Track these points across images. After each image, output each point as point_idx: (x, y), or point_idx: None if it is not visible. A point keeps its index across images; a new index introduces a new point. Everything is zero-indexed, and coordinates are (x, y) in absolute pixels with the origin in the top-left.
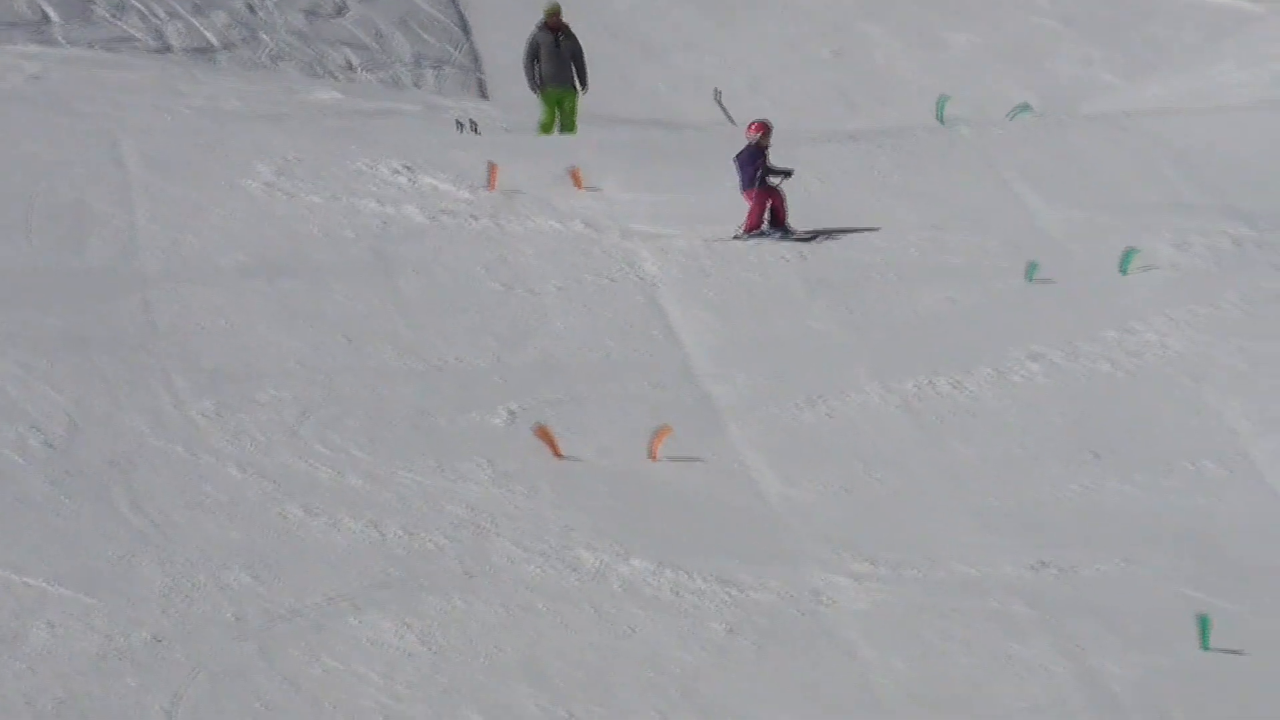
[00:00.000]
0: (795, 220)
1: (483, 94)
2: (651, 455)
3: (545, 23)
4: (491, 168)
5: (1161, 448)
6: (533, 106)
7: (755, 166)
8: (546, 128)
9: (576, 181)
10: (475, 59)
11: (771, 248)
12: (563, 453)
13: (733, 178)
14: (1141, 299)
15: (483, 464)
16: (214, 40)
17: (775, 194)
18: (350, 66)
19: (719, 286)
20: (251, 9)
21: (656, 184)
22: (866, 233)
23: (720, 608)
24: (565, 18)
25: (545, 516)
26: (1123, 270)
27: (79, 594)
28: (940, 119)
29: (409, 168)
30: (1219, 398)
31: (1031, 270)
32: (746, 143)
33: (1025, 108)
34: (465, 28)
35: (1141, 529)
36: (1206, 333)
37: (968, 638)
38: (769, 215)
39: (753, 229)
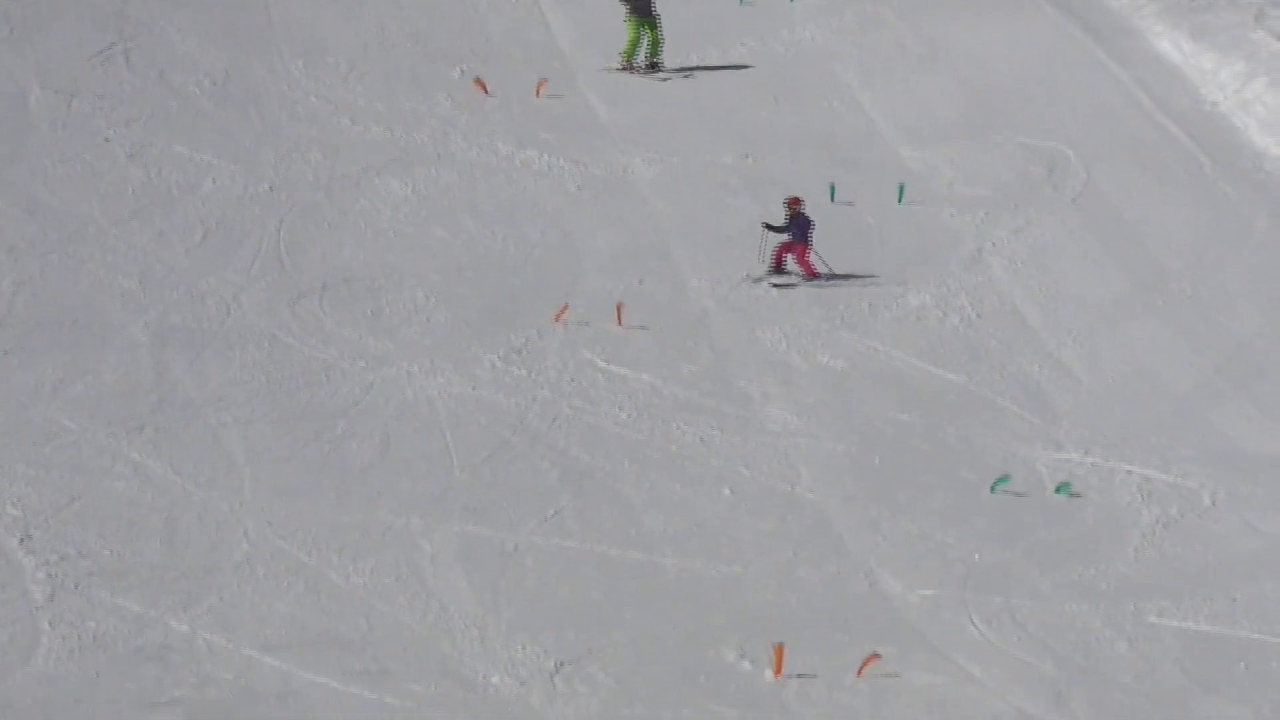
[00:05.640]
0: None
1: None
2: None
3: None
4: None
5: (811, 94)
6: None
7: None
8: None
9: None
10: None
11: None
12: (489, 91)
13: None
14: (800, 15)
15: (446, 99)
16: None
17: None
18: None
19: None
20: None
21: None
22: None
23: (573, 176)
24: None
25: (478, 125)
26: (792, 2)
27: (229, 163)
28: None
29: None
30: (842, 69)
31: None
32: (793, 213)
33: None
34: None
35: (796, 138)
36: (837, 34)
37: (703, 194)
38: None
39: (779, 264)
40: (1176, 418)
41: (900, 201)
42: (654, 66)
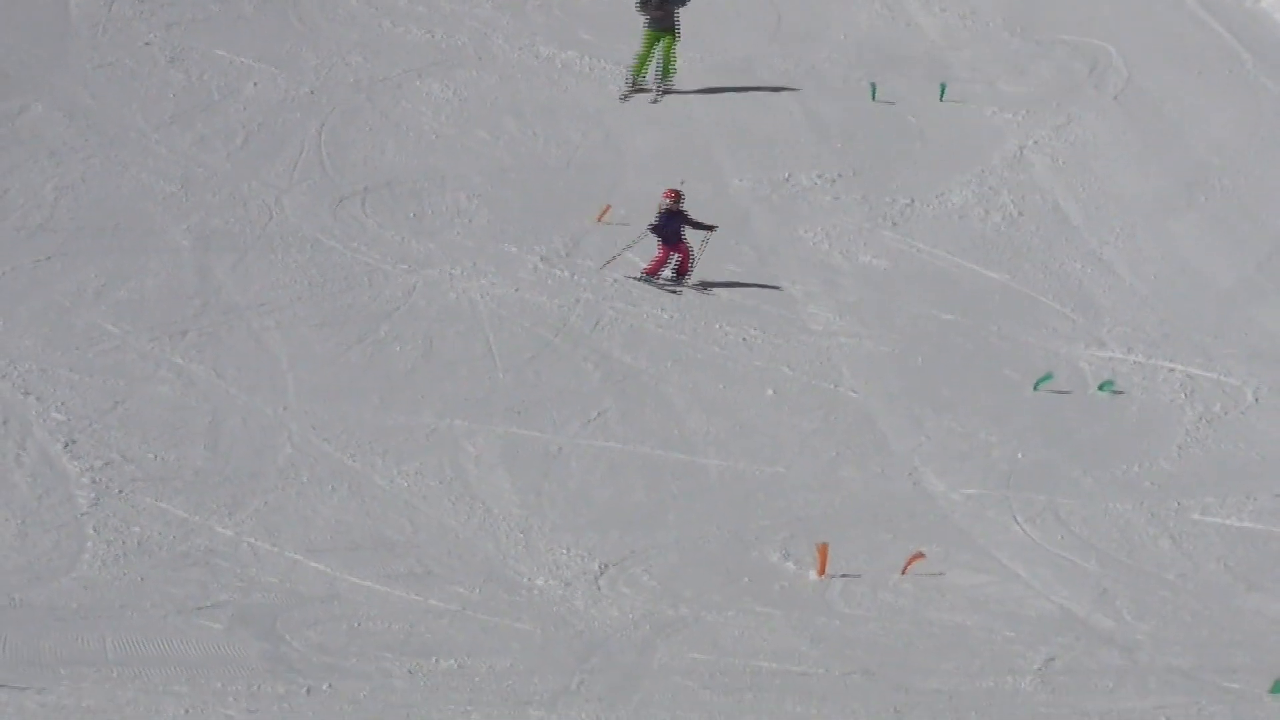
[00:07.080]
0: None
1: None
2: None
3: None
4: None
5: None
6: None
7: (677, 224)
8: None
9: None
10: None
11: None
12: None
13: None
14: None
15: (486, 0)
16: None
17: (684, 250)
18: None
19: None
20: None
21: None
22: None
23: (615, 77)
24: None
25: (519, 27)
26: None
27: (270, 66)
28: None
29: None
30: None
31: None
32: (663, 208)
33: None
34: None
35: (838, 37)
36: None
37: (745, 94)
38: (674, 266)
39: (652, 274)
40: (1219, 315)
41: (942, 99)
42: (664, 91)
